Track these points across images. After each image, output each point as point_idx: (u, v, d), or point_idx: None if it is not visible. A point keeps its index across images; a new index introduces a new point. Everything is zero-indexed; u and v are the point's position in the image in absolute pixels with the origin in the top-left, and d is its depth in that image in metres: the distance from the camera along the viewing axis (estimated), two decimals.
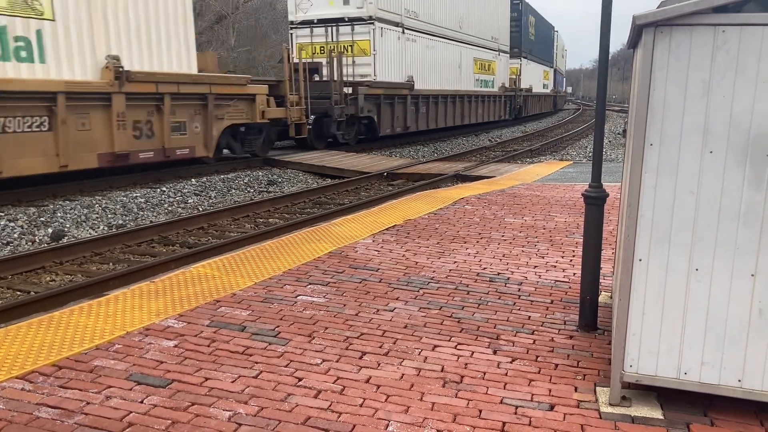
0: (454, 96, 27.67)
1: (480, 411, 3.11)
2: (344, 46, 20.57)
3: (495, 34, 33.20)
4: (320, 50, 20.07)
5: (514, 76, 37.56)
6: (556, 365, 3.65)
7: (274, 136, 16.83)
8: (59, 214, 9.78)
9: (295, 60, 18.67)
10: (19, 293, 6.50)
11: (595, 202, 4.01)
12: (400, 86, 22.38)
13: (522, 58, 39.85)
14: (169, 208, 11.11)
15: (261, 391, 3.26)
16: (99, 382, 3.32)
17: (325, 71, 19.69)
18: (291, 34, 21.55)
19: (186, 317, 4.28)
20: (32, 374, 3.40)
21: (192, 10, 13.97)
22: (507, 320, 4.36)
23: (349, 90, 19.08)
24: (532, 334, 4.12)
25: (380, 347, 3.86)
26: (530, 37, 42.70)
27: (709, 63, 2.81)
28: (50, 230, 9.07)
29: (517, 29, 38.66)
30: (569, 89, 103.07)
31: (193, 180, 13.16)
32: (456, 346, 3.91)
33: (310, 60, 20.10)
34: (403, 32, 22.58)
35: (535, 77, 44.48)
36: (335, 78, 18.64)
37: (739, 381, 2.98)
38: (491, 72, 33.04)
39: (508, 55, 36.32)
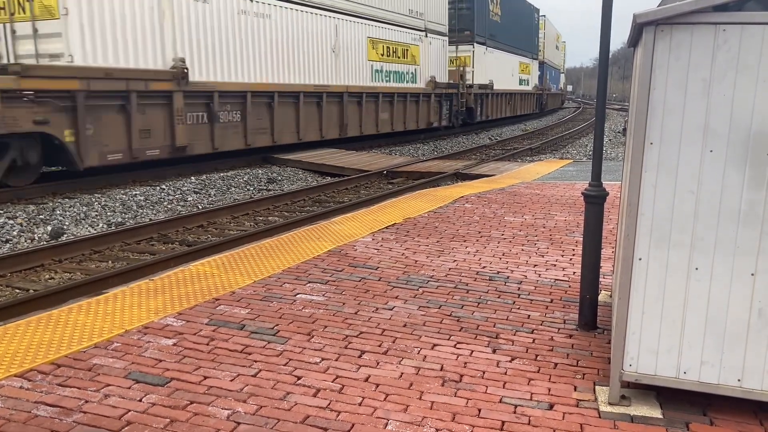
0: (319, 95, 17.86)
1: (479, 410, 3.11)
2: (21, 3, 11.92)
3: (418, 8, 23.94)
4: None
5: (462, 67, 28.41)
6: (556, 364, 3.65)
7: None
8: (58, 212, 9.77)
9: None
10: (18, 291, 6.49)
11: (595, 200, 4.00)
12: (147, 76, 12.48)
13: (477, 45, 30.15)
14: (169, 206, 11.10)
15: (260, 390, 3.26)
16: (98, 381, 3.32)
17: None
18: None
19: (185, 315, 4.28)
20: (31, 372, 3.39)
21: None
22: (506, 319, 4.35)
23: None
24: (532, 333, 4.12)
25: (379, 346, 3.86)
26: (492, 18, 32.48)
27: (710, 62, 2.81)
28: (49, 228, 9.06)
29: (469, 6, 29.53)
30: (569, 87, 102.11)
31: (192, 178, 13.15)
32: (455, 345, 3.91)
33: None
34: None
35: (502, 70, 34.43)
36: None
37: (739, 381, 2.98)
38: (409, 60, 23.62)
39: (444, 39, 26.56)
